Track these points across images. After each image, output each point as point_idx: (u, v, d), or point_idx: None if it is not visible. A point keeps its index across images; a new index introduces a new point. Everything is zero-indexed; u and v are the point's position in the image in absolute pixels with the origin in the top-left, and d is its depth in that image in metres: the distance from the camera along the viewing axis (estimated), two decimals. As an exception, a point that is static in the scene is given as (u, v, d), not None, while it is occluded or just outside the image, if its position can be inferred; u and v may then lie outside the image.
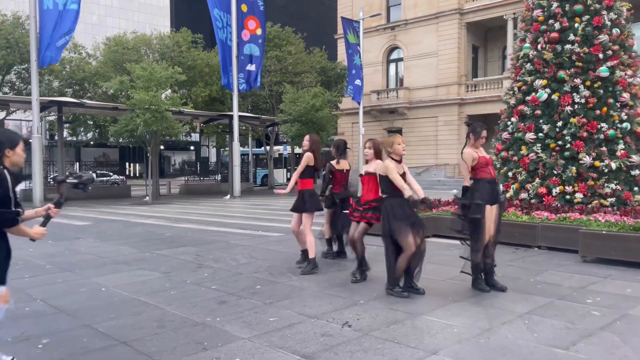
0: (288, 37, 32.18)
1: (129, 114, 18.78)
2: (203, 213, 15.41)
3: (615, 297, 5.21)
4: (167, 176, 47.64)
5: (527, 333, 4.12)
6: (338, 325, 4.34)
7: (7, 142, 3.23)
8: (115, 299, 5.30)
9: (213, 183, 30.34)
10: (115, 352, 3.80)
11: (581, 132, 9.10)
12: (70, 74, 26.71)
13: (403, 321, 4.45)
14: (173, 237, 9.72)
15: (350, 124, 35.07)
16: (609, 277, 6.10)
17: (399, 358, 3.62)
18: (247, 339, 4.03)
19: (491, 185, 5.47)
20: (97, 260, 7.49)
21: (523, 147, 9.67)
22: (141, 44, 27.92)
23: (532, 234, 8.12)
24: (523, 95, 9.96)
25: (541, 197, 9.25)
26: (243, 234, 10.25)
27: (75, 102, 20.37)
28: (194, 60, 27.23)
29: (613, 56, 9.32)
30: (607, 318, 4.49)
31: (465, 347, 3.83)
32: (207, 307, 4.93)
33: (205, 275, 6.38)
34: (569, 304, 4.95)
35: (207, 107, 28.20)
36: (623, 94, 9.24)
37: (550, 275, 6.27)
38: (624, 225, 6.95)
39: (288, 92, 26.34)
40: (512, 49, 10.64)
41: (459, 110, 32.25)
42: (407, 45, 34.26)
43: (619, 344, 3.87)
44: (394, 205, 5.21)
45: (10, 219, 3.14)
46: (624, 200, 8.83)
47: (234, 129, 22.35)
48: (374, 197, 5.73)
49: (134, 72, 19.19)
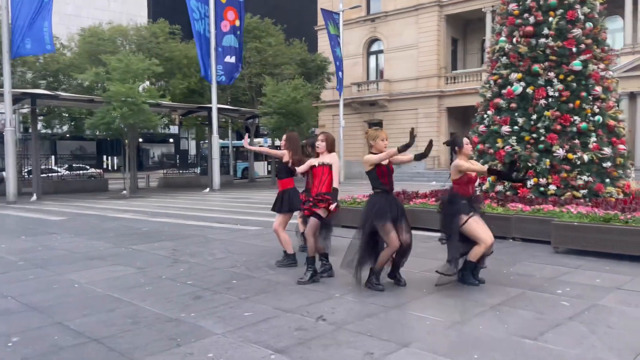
0: (268, 28, 31.91)
1: (105, 107, 18.45)
2: (181, 207, 15.29)
3: (584, 287, 5.33)
4: (146, 169, 47.02)
5: (498, 324, 4.19)
6: (312, 319, 4.36)
7: None
8: (88, 295, 5.24)
9: (192, 176, 30.08)
10: (86, 349, 3.75)
11: (555, 125, 9.25)
12: (44, 66, 26.09)
13: (377, 314, 4.49)
14: (150, 232, 9.62)
15: (331, 116, 35.06)
16: (580, 268, 6.23)
17: (371, 350, 3.65)
18: (220, 335, 4.02)
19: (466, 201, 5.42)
20: (71, 255, 7.38)
21: (499, 140, 9.80)
22: (117, 35, 27.42)
23: (506, 226, 8.24)
24: (499, 89, 10.08)
25: (516, 190, 9.40)
26: (221, 228, 10.20)
27: (49, 95, 19.92)
28: (171, 52, 26.86)
29: (586, 50, 9.47)
30: (576, 308, 4.59)
31: (437, 338, 3.89)
32: (181, 303, 4.90)
33: (181, 270, 6.34)
34: (539, 295, 5.04)
35: (186, 100, 27.87)
36: (595, 88, 9.40)
37: (524, 266, 6.38)
38: (594, 216, 7.10)
39: (268, 84, 26.18)
40: (489, 43, 10.72)
41: (438, 102, 32.47)
42: (387, 38, 34.31)
43: (586, 333, 3.97)
44: (378, 201, 5.23)
45: None
46: (595, 192, 9.02)
47: (213, 122, 22.16)
48: (326, 189, 5.55)
49: (110, 63, 18.84)
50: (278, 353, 3.63)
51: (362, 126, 34.49)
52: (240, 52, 22.62)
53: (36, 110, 21.31)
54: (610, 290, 5.21)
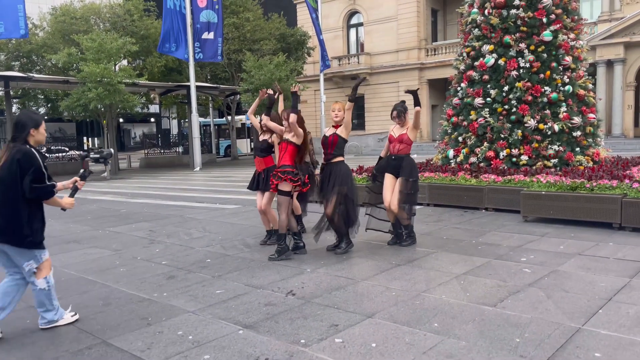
0: (245, 3, 31.30)
1: (80, 88, 18.15)
2: (162, 187, 15.26)
3: (548, 254, 5.52)
4: (128, 150, 46.51)
5: (460, 293, 4.36)
6: (282, 295, 4.48)
7: (31, 123, 3.65)
8: (62, 278, 5.28)
9: (174, 155, 29.86)
10: (57, 332, 3.83)
11: (526, 96, 9.37)
12: (16, 47, 25.45)
13: (345, 287, 4.63)
14: (128, 213, 9.64)
15: (313, 92, 34.86)
16: (546, 236, 6.43)
17: (336, 322, 3.78)
18: (191, 312, 4.12)
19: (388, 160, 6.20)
20: (47, 239, 7.22)
21: (472, 112, 9.91)
22: (90, 14, 26.72)
23: (479, 197, 8.43)
24: (472, 61, 10.14)
25: (489, 161, 9.56)
26: (200, 208, 10.25)
27: (22, 77, 19.52)
28: (147, 30, 26.31)
29: (556, 20, 9.54)
30: (537, 275, 4.78)
31: (401, 309, 4.03)
32: (155, 283, 4.98)
33: (156, 251, 6.41)
34: (504, 263, 5.22)
35: (165, 78, 27.47)
36: (565, 58, 9.51)
37: (492, 236, 6.56)
38: (562, 185, 7.29)
39: (249, 60, 25.87)
40: (461, 15, 10.74)
41: (419, 74, 32.44)
42: (367, 10, 33.97)
43: (542, 298, 4.15)
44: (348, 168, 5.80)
45: (49, 192, 3.65)
46: (566, 161, 9.22)
47: (192, 100, 21.94)
48: (285, 163, 5.60)
49: (83, 43, 18.44)
50: (246, 328, 3.75)
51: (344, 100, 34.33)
52: (221, 27, 22.20)
53: (10, 92, 20.89)
54: (572, 256, 5.41)
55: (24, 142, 3.62)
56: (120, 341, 3.59)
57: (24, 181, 3.53)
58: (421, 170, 9.95)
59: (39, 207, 3.71)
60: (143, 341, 3.58)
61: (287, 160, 5.60)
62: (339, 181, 5.63)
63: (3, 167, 3.56)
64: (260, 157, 6.41)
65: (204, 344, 3.49)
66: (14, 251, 3.65)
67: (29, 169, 3.53)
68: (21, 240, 3.61)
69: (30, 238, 3.63)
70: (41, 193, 3.61)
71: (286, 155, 5.61)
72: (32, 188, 3.55)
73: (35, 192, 3.58)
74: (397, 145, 6.06)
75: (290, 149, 5.60)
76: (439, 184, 8.96)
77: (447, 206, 8.77)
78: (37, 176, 3.56)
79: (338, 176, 5.65)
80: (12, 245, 3.62)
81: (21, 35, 17.59)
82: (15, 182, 3.53)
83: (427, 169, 10.08)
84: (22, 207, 3.59)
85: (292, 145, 5.61)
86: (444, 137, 10.73)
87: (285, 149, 5.62)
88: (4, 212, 3.58)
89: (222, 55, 22.98)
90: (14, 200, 3.56)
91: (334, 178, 5.65)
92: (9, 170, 3.54)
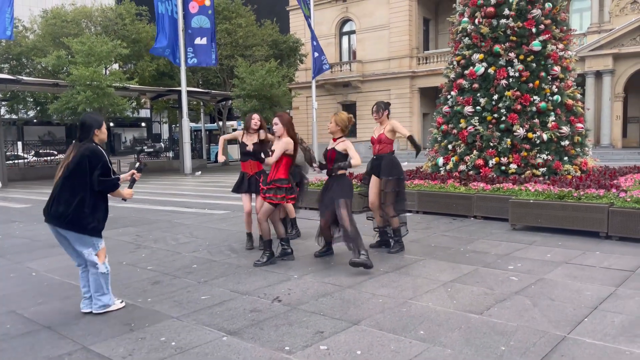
0: (238, 9, 31.35)
1: (69, 91, 18.01)
2: (151, 192, 15.14)
3: (535, 262, 5.53)
4: (118, 154, 46.24)
5: (447, 300, 4.34)
6: (268, 301, 4.44)
7: (95, 124, 4.08)
8: (45, 283, 5.21)
9: (165, 160, 29.74)
10: (38, 337, 3.76)
11: (515, 105, 9.43)
12: (5, 49, 25.23)
13: (332, 294, 4.59)
14: (115, 218, 9.53)
15: (305, 98, 34.90)
16: (534, 244, 6.44)
17: (322, 329, 3.75)
18: (175, 318, 4.06)
19: (372, 162, 6.30)
20: (31, 244, 7.29)
21: (462, 120, 9.95)
22: (81, 17, 26.60)
23: (468, 205, 8.44)
24: (462, 69, 10.20)
25: (479, 169, 9.59)
26: (188, 213, 10.18)
27: (10, 79, 19.33)
28: (138, 34, 26.22)
29: (545, 30, 9.63)
30: (523, 283, 4.77)
31: (387, 316, 4.00)
32: (139, 288, 4.92)
33: (142, 255, 6.34)
34: (491, 271, 5.22)
35: (156, 82, 27.34)
36: (554, 67, 9.60)
37: (480, 243, 6.57)
38: (549, 194, 7.32)
39: (241, 66, 25.85)
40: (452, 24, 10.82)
41: (411, 83, 32.60)
42: (359, 18, 34.14)
43: (529, 306, 4.14)
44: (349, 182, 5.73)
45: (114, 184, 4.07)
46: (554, 170, 9.27)
47: (183, 105, 21.85)
48: (278, 176, 5.49)
49: (72, 46, 18.32)
50: (230, 335, 3.70)
51: (336, 108, 34.45)
52: (214, 32, 22.17)
53: (-2, 95, 20.70)
54: (558, 264, 5.42)
55: (90, 141, 4.04)
56: (102, 347, 3.53)
57: (92, 175, 3.94)
58: (411, 177, 9.98)
59: (104, 198, 4.11)
60: (125, 347, 3.52)
61: (282, 173, 5.49)
62: (343, 194, 5.46)
63: (72, 162, 3.95)
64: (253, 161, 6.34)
65: (187, 350, 3.44)
66: (75, 237, 4.02)
67: (98, 164, 3.95)
68: (84, 227, 3.98)
69: (93, 225, 4.01)
70: (108, 185, 4.02)
71: (282, 167, 5.48)
72: (100, 181, 3.96)
73: (103, 185, 3.99)
74: (377, 146, 6.17)
75: (285, 160, 5.50)
76: (428, 191, 8.97)
77: (436, 214, 8.78)
78: (104, 171, 3.98)
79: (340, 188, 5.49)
80: (76, 232, 3.99)
81: (6, 36, 17.44)
82: (83, 176, 3.93)
83: (416, 176, 10.11)
84: (88, 198, 3.97)
85: (287, 157, 5.52)
86: (434, 144, 10.77)
87: (280, 161, 5.49)
88: (71, 201, 3.93)
89: (216, 60, 22.94)
90: (82, 191, 3.94)
91: (335, 190, 5.49)
92: (78, 164, 3.94)
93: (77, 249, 4.07)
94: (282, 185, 5.47)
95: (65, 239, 4.06)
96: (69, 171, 3.95)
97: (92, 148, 4.00)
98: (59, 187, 3.98)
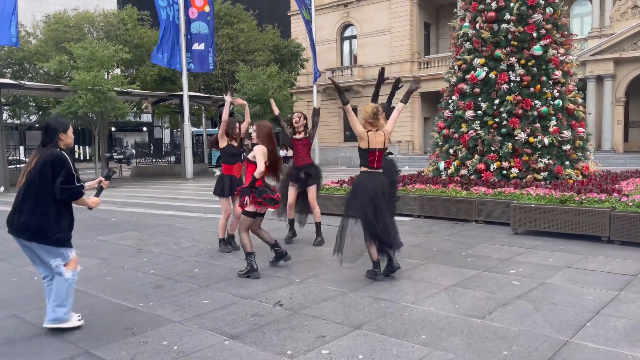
0: (239, 14, 31.50)
1: (71, 96, 18.08)
2: (152, 196, 15.17)
3: (537, 267, 5.52)
4: (120, 158, 46.29)
5: (449, 305, 4.33)
6: (270, 305, 4.44)
7: (61, 127, 3.87)
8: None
9: (166, 165, 29.76)
10: (40, 341, 3.76)
11: (516, 110, 9.44)
12: (8, 54, 25.35)
13: (334, 298, 4.59)
14: (117, 222, 9.55)
15: (306, 102, 34.96)
16: (535, 248, 6.44)
17: (323, 334, 3.75)
18: (177, 322, 4.07)
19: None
20: (34, 248, 7.29)
21: (463, 125, 9.96)
22: (84, 22, 26.73)
23: (470, 209, 8.44)
24: (463, 74, 10.22)
25: (480, 173, 9.59)
26: (190, 217, 10.18)
27: (13, 84, 19.38)
28: (140, 39, 26.34)
29: (546, 35, 9.65)
30: (525, 287, 4.77)
31: (389, 320, 4.00)
32: (141, 293, 4.92)
33: (144, 260, 6.35)
34: (493, 275, 5.21)
35: (158, 87, 27.42)
36: (555, 72, 9.61)
37: (482, 248, 6.56)
38: (551, 198, 7.32)
39: (242, 71, 25.93)
40: (453, 28, 10.85)
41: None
42: (361, 23, 34.26)
43: (531, 311, 4.13)
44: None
45: (78, 192, 3.82)
46: (555, 174, 9.27)
47: (185, 110, 21.91)
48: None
49: (74, 51, 18.41)
50: (232, 339, 3.70)
51: (337, 112, 34.51)
52: (212, 38, 22.29)
53: (0, 99, 20.74)
54: (560, 269, 5.41)
55: (55, 145, 3.82)
56: (104, 351, 3.53)
57: (55, 182, 3.71)
58: (412, 182, 9.99)
59: (68, 206, 3.89)
60: (127, 351, 3.52)
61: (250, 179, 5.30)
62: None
63: (34, 168, 3.75)
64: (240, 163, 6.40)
65: (188, 355, 3.44)
66: (41, 249, 3.81)
67: (61, 171, 3.73)
68: (49, 238, 3.77)
69: (58, 236, 3.80)
70: (71, 193, 3.78)
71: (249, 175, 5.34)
72: (62, 189, 3.72)
73: (66, 193, 3.75)
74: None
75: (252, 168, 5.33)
76: (429, 195, 8.97)
77: (437, 218, 8.77)
78: (68, 177, 3.75)
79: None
80: (41, 244, 3.78)
81: (12, 43, 17.58)
82: (45, 183, 3.72)
83: (418, 180, 10.12)
84: (51, 207, 3.76)
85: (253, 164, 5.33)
86: (435, 149, 10.77)
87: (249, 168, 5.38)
88: (34, 211, 3.73)
89: (214, 66, 23.01)
90: (44, 200, 3.74)
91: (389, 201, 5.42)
92: (40, 171, 3.72)
93: (45, 259, 3.84)
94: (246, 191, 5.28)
95: (31, 250, 3.84)
96: (31, 178, 3.74)
97: (56, 153, 3.76)
98: (21, 196, 3.77)
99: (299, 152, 6.90)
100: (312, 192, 6.87)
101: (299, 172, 6.84)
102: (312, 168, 6.93)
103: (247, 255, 5.37)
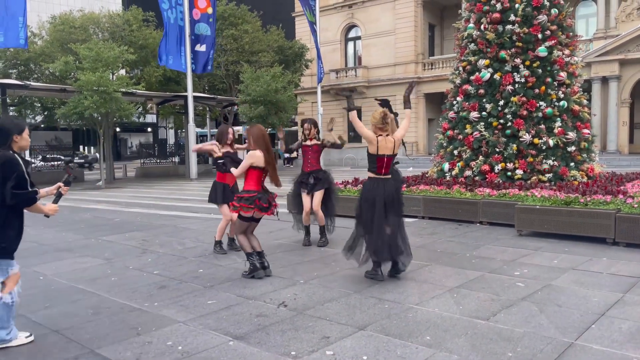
0: (244, 15, 31.54)
1: (76, 96, 18.16)
2: (156, 197, 15.21)
3: (541, 268, 5.51)
4: (124, 159, 46.39)
5: (453, 306, 4.33)
6: (274, 306, 4.44)
7: (15, 129, 3.55)
8: (52, 287, 5.24)
9: (170, 165, 29.81)
10: (45, 341, 3.78)
11: (521, 111, 9.41)
12: (14, 55, 25.49)
13: (338, 299, 4.60)
14: (122, 222, 9.58)
15: (310, 104, 34.96)
16: (540, 250, 6.42)
17: (327, 334, 3.75)
18: (182, 323, 4.08)
19: None
20: (39, 248, 7.33)
21: (467, 126, 9.95)
22: (89, 23, 26.85)
23: (474, 210, 8.42)
24: (467, 75, 10.21)
25: (484, 174, 9.57)
26: (194, 218, 10.21)
27: (18, 84, 19.52)
28: (145, 40, 26.43)
29: (551, 36, 9.63)
30: (530, 289, 4.76)
31: (393, 321, 4.00)
32: (146, 293, 4.94)
33: (149, 260, 6.37)
34: (497, 277, 5.20)
35: (163, 88, 27.50)
36: (560, 73, 9.59)
37: (486, 249, 6.55)
38: (556, 199, 7.30)
39: (246, 72, 25.97)
40: (458, 29, 10.84)
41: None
42: (365, 24, 34.25)
43: (535, 312, 4.12)
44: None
45: (30, 199, 3.54)
46: (560, 176, 9.24)
47: (189, 110, 21.93)
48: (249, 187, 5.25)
49: (80, 52, 18.50)
50: (236, 339, 3.71)
51: (342, 113, 34.49)
52: (213, 40, 22.31)
53: (6, 100, 20.87)
54: (565, 270, 5.39)
55: (7, 148, 3.53)
56: (109, 351, 3.55)
57: (5, 187, 3.41)
58: (416, 183, 9.98)
59: (18, 215, 3.59)
60: (132, 351, 3.54)
61: (250, 185, 5.26)
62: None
63: None
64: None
65: (193, 355, 3.45)
66: None
67: (11, 175, 3.42)
68: None
69: (1, 245, 3.51)
70: (22, 199, 3.49)
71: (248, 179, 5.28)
72: (13, 194, 3.43)
73: (16, 198, 3.46)
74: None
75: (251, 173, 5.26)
76: (434, 197, 8.96)
77: (441, 219, 8.76)
78: (19, 182, 3.45)
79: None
80: None
81: (20, 45, 17.71)
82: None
83: (422, 181, 10.10)
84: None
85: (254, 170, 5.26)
86: (440, 150, 10.76)
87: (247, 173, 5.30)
88: None
89: (212, 67, 23.04)
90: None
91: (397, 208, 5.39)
92: None
93: None
94: (243, 195, 5.23)
95: None
96: None
97: (8, 156, 3.47)
98: None
99: (309, 159, 6.98)
100: (317, 198, 6.88)
101: (308, 177, 6.88)
102: (320, 173, 6.97)
103: (248, 256, 5.39)
